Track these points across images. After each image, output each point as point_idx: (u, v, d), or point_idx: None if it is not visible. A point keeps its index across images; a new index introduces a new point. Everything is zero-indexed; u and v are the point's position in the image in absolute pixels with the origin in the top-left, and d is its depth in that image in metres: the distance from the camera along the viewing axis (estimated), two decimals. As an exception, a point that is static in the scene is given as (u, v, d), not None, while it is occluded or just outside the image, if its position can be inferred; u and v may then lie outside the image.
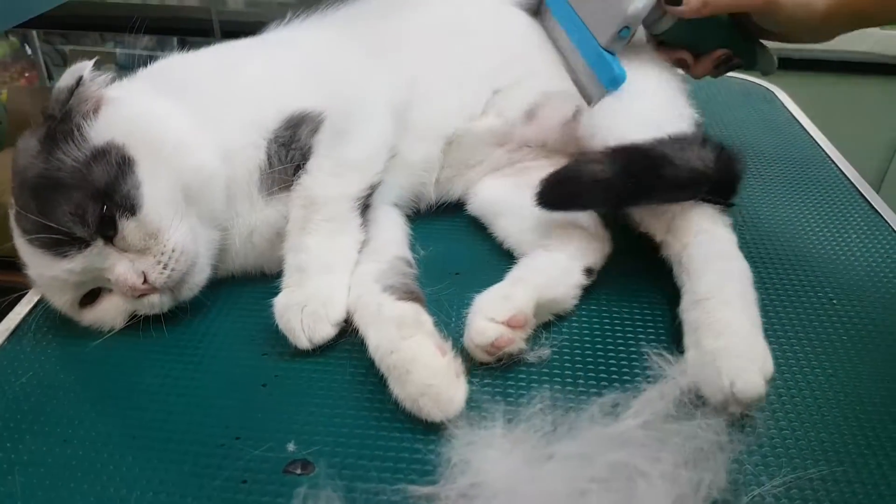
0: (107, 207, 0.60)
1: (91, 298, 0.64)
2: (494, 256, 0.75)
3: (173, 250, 0.62)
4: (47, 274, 0.62)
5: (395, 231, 0.75)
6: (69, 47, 2.46)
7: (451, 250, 0.76)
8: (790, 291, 0.71)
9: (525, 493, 0.44)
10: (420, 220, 0.80)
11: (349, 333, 0.63)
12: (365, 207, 0.70)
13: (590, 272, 0.70)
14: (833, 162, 0.97)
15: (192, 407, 0.58)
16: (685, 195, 0.67)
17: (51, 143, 0.61)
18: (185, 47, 0.77)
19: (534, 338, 0.63)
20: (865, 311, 0.68)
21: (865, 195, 0.88)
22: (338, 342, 0.64)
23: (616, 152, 0.67)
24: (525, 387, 0.59)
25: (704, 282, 0.63)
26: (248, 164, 0.68)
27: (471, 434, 0.50)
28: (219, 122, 0.67)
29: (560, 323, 0.67)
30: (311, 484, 0.49)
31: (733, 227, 0.68)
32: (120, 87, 0.68)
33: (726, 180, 0.68)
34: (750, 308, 0.61)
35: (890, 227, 0.82)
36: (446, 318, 0.64)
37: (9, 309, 0.69)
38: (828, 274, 0.74)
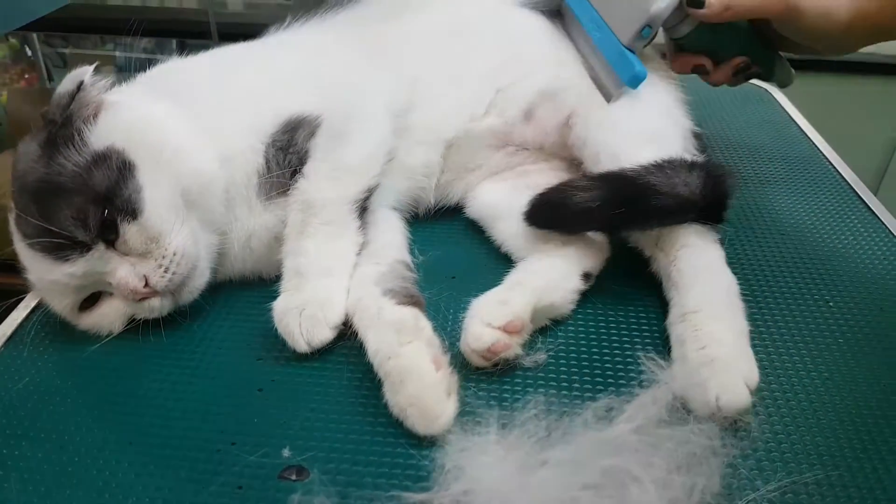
0: (108, 211, 0.61)
1: (90, 303, 0.65)
2: (492, 260, 0.75)
3: (174, 254, 0.63)
4: (48, 278, 0.62)
5: (395, 234, 0.75)
6: (69, 49, 2.47)
7: (449, 254, 0.76)
8: (786, 293, 0.71)
9: (518, 501, 0.44)
10: (418, 224, 0.80)
11: (348, 336, 0.63)
12: (362, 210, 0.70)
13: (588, 277, 0.70)
14: (830, 162, 0.97)
15: (189, 412, 0.58)
16: (672, 221, 0.67)
17: (52, 148, 0.62)
18: (185, 49, 0.77)
19: (530, 342, 0.63)
20: (862, 314, 0.68)
21: (862, 196, 0.88)
22: (336, 345, 0.64)
23: (602, 180, 0.68)
24: (519, 391, 0.59)
25: (691, 295, 0.63)
26: (247, 169, 0.69)
27: (465, 440, 0.50)
28: (217, 127, 0.68)
29: (556, 327, 0.67)
30: (306, 490, 0.49)
31: (728, 229, 0.68)
32: (119, 92, 0.68)
33: (713, 204, 0.68)
34: (736, 320, 0.61)
35: (887, 229, 0.82)
36: (444, 322, 0.64)
37: (6, 314, 0.69)
38: (823, 275, 0.74)
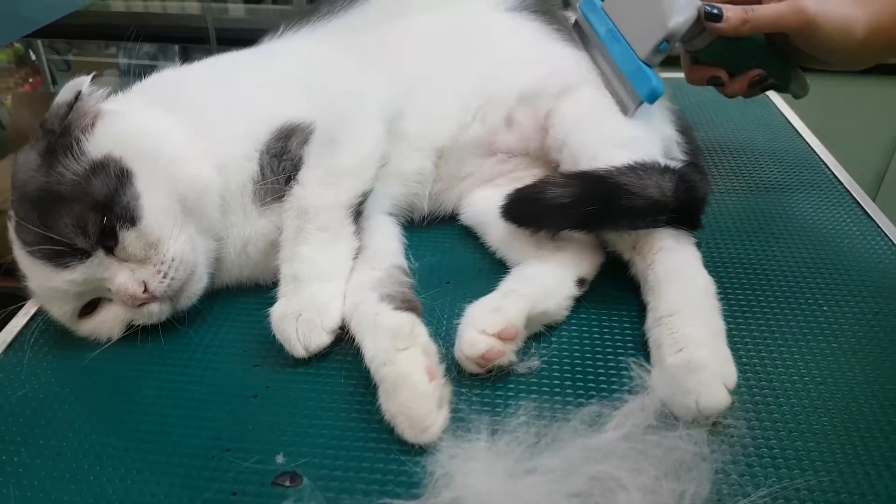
0: (107, 219, 0.61)
1: (90, 309, 0.65)
2: (487, 265, 0.76)
3: (173, 259, 0.63)
4: (48, 285, 0.63)
5: (392, 240, 0.76)
6: (73, 51, 2.48)
7: (445, 259, 0.77)
8: (779, 296, 0.71)
9: (507, 507, 0.44)
10: (414, 230, 0.81)
11: (345, 341, 0.64)
12: (357, 215, 0.71)
13: (582, 283, 0.70)
14: (826, 165, 0.97)
15: (185, 419, 0.59)
16: (644, 223, 0.68)
17: (51, 157, 0.62)
18: (187, 54, 0.78)
19: (524, 349, 0.63)
20: (856, 319, 0.68)
21: (858, 199, 0.88)
22: (332, 350, 0.64)
23: (576, 178, 0.69)
24: (509, 397, 0.59)
25: (666, 299, 0.63)
26: (242, 176, 0.69)
27: (455, 446, 0.50)
28: (212, 134, 0.68)
29: (549, 333, 0.67)
30: (297, 497, 0.50)
31: (722, 231, 0.69)
32: (116, 101, 0.69)
33: (686, 209, 0.68)
34: (712, 321, 0.62)
35: (882, 232, 0.82)
36: (439, 327, 0.64)
37: (7, 321, 0.70)
38: (818, 279, 0.74)
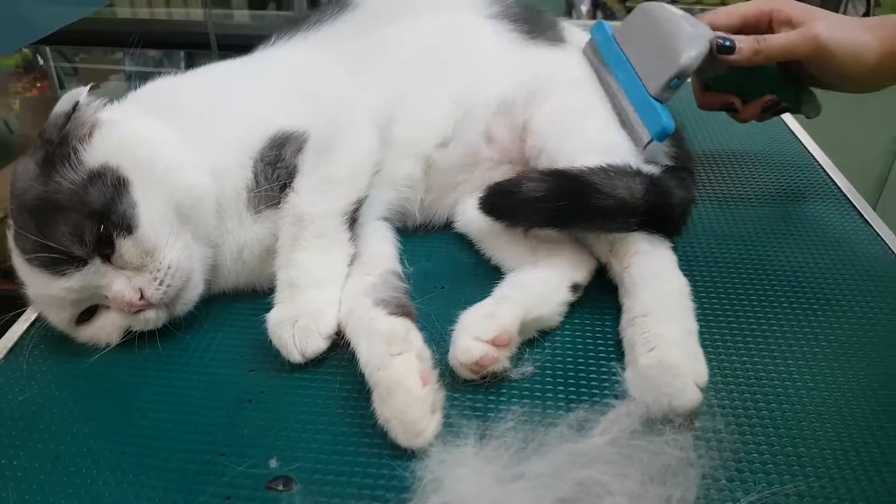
0: (104, 227, 0.62)
1: (87, 316, 0.66)
2: (482, 270, 0.76)
3: (169, 267, 0.64)
4: (46, 292, 0.64)
5: (386, 245, 0.76)
6: (81, 57, 2.50)
7: (439, 264, 0.77)
8: (773, 301, 0.72)
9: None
10: (409, 235, 0.81)
11: (340, 346, 0.65)
12: (352, 222, 0.71)
13: (576, 288, 0.70)
14: (825, 171, 0.97)
15: (181, 423, 0.59)
16: (615, 224, 0.68)
17: (49, 167, 0.63)
18: (192, 60, 0.79)
19: (517, 354, 0.63)
20: (849, 324, 0.68)
21: (856, 205, 0.88)
22: (329, 355, 0.65)
23: (551, 175, 0.69)
24: (498, 402, 0.59)
25: (640, 300, 0.64)
26: (236, 184, 0.70)
27: (444, 451, 0.51)
28: (206, 143, 0.69)
29: (542, 339, 0.67)
30: (288, 501, 0.50)
31: (717, 234, 0.71)
32: (113, 111, 0.70)
33: (658, 213, 0.69)
34: (684, 321, 0.63)
35: (880, 238, 0.82)
36: (433, 332, 0.65)
37: (7, 326, 0.71)
38: (812, 284, 0.74)
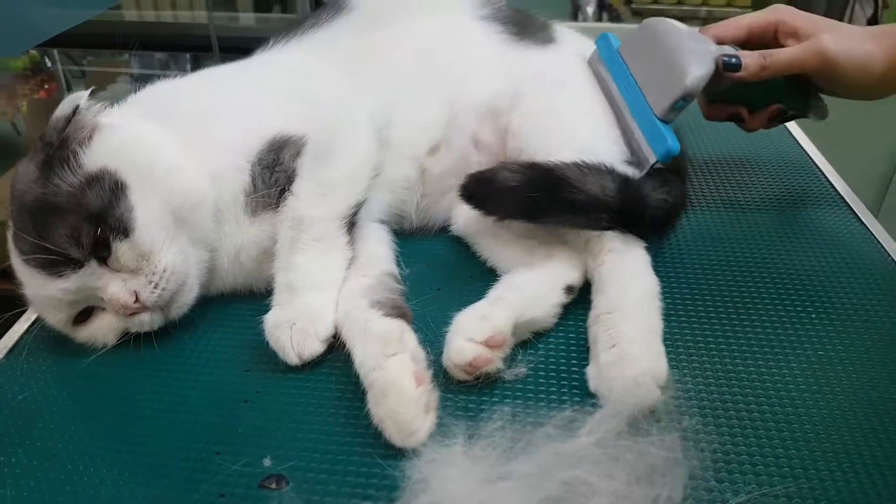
0: (101, 230, 0.63)
1: (84, 317, 0.67)
2: (477, 272, 0.77)
3: (164, 270, 0.65)
4: (43, 293, 0.64)
5: (382, 247, 0.77)
6: (88, 59, 2.53)
7: (436, 266, 0.78)
8: (767, 304, 0.72)
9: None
10: (406, 237, 0.82)
11: (337, 348, 0.65)
12: (351, 225, 0.72)
13: (570, 290, 0.71)
14: (822, 173, 0.97)
15: (177, 422, 0.60)
16: (586, 219, 0.69)
17: (48, 169, 0.64)
18: (198, 62, 0.80)
19: (510, 355, 0.64)
20: (843, 327, 0.68)
21: (853, 207, 0.88)
22: (325, 357, 0.65)
23: (527, 166, 0.70)
24: (487, 402, 0.60)
25: (606, 297, 0.65)
26: (234, 187, 0.71)
27: (433, 451, 0.51)
28: (204, 147, 0.70)
29: (535, 340, 0.67)
30: (279, 500, 0.51)
31: (712, 235, 0.72)
32: (112, 114, 0.70)
33: (629, 213, 0.70)
34: (648, 319, 0.64)
35: (877, 241, 0.82)
36: (429, 334, 0.65)
37: (8, 326, 0.72)
38: (808, 287, 0.74)
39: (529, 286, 0.69)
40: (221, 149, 0.71)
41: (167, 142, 0.69)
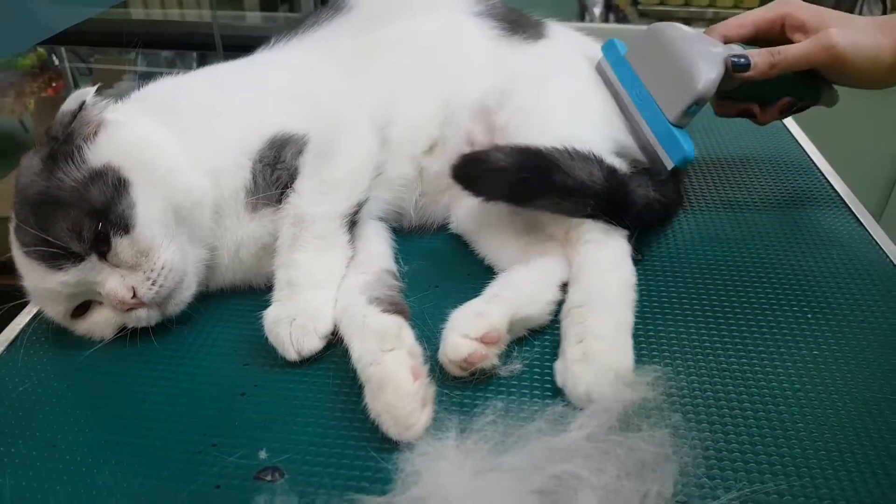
0: (102, 225, 0.64)
1: (83, 310, 0.68)
2: (475, 270, 0.77)
3: (163, 267, 0.66)
4: (42, 285, 0.65)
5: (381, 244, 0.77)
6: (95, 57, 2.54)
7: (434, 264, 0.78)
8: (763, 303, 0.72)
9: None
10: (405, 235, 0.83)
11: (335, 344, 0.66)
12: (352, 224, 0.73)
13: (566, 287, 0.71)
14: (820, 172, 0.97)
15: (175, 415, 0.61)
16: (572, 204, 0.70)
17: (52, 163, 0.65)
18: (204, 60, 0.80)
19: (506, 352, 0.64)
20: (840, 328, 0.68)
21: (852, 208, 0.88)
22: (324, 354, 0.66)
23: (518, 149, 0.71)
24: (482, 397, 0.60)
25: (579, 290, 0.66)
26: (234, 184, 0.71)
27: (426, 444, 0.52)
28: (205, 144, 0.71)
29: (531, 337, 0.68)
30: (271, 491, 0.52)
31: (709, 233, 0.73)
32: (117, 111, 0.71)
33: (616, 202, 0.70)
34: (617, 313, 0.64)
35: (874, 242, 0.82)
36: (426, 330, 0.66)
37: (10, 319, 0.73)
38: (805, 288, 0.74)
39: (525, 283, 0.69)
40: (222, 146, 0.72)
41: (169, 140, 0.70)
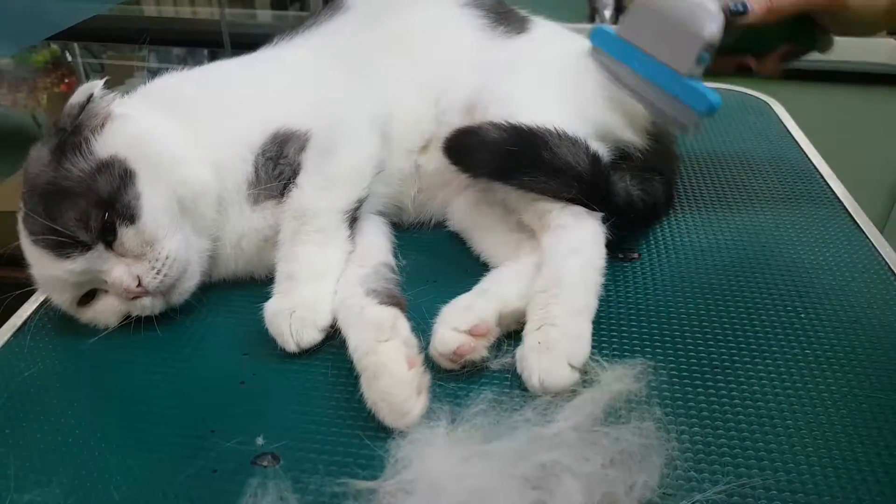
0: (108, 215, 0.65)
1: (88, 298, 0.69)
2: (472, 267, 0.78)
3: (167, 257, 0.67)
4: (50, 273, 0.67)
5: (380, 238, 0.79)
6: (107, 54, 2.57)
7: (433, 259, 0.80)
8: (757, 302, 0.72)
9: (458, 489, 0.47)
10: (405, 231, 0.84)
11: (333, 336, 0.67)
12: (353, 220, 0.74)
13: None
14: (821, 176, 0.97)
15: (175, 401, 0.62)
16: (557, 184, 0.70)
17: (61, 154, 0.67)
18: (215, 57, 0.81)
19: (498, 345, 0.65)
20: (833, 329, 0.69)
21: (850, 210, 0.89)
22: (322, 346, 0.67)
23: (509, 125, 0.72)
24: (472, 389, 0.61)
25: (542, 276, 0.67)
26: (237, 177, 0.73)
27: (417, 433, 0.54)
28: (209, 138, 0.72)
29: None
30: (264, 475, 0.53)
31: (708, 233, 0.73)
32: (124, 104, 0.73)
33: (598, 187, 0.71)
34: (576, 299, 0.65)
35: (871, 244, 0.82)
36: (422, 323, 0.67)
37: (17, 306, 0.75)
38: (799, 288, 0.74)
39: (515, 278, 0.70)
40: (226, 140, 0.73)
41: (174, 133, 0.71)
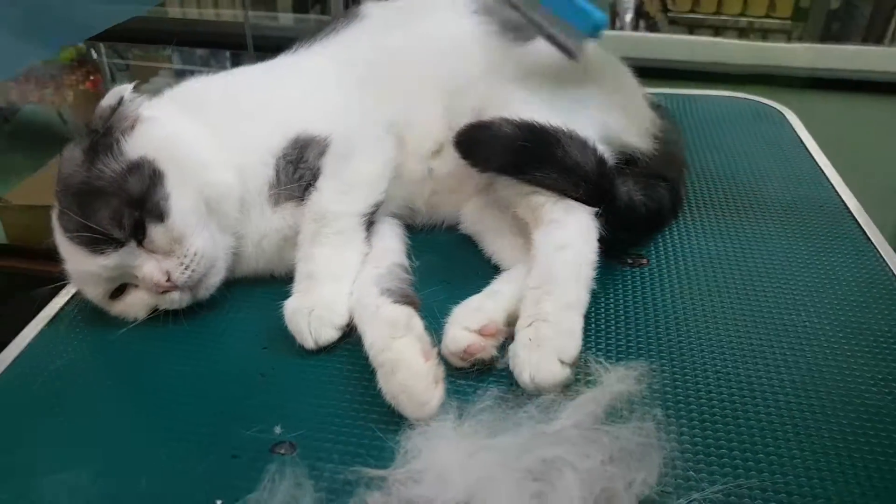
0: (139, 214, 0.69)
1: (119, 293, 0.73)
2: (484, 269, 0.80)
3: (195, 254, 0.70)
4: (84, 268, 0.70)
5: (395, 240, 0.81)
6: (133, 53, 2.62)
7: (444, 261, 0.82)
8: (762, 306, 0.74)
9: (464, 479, 0.50)
10: (419, 234, 0.86)
11: (349, 334, 0.70)
12: (370, 224, 0.77)
13: None
14: (832, 185, 0.98)
15: (198, 391, 0.66)
16: (566, 182, 0.72)
17: (93, 155, 0.70)
18: (237, 59, 0.83)
19: (505, 346, 0.67)
20: (835, 331, 0.70)
21: (859, 220, 0.89)
22: (339, 344, 0.70)
23: (524, 122, 0.73)
24: (479, 386, 0.64)
25: (533, 272, 0.68)
26: (259, 180, 0.76)
27: (425, 426, 0.56)
28: (233, 142, 0.76)
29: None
30: (281, 462, 0.56)
31: (714, 237, 0.74)
32: (152, 107, 0.76)
33: (603, 189, 0.73)
34: (566, 295, 0.66)
35: (876, 251, 0.83)
36: (435, 323, 0.69)
37: (49, 298, 0.78)
38: (804, 296, 0.75)
39: (524, 280, 0.71)
40: (248, 144, 0.76)
41: (200, 136, 0.75)
